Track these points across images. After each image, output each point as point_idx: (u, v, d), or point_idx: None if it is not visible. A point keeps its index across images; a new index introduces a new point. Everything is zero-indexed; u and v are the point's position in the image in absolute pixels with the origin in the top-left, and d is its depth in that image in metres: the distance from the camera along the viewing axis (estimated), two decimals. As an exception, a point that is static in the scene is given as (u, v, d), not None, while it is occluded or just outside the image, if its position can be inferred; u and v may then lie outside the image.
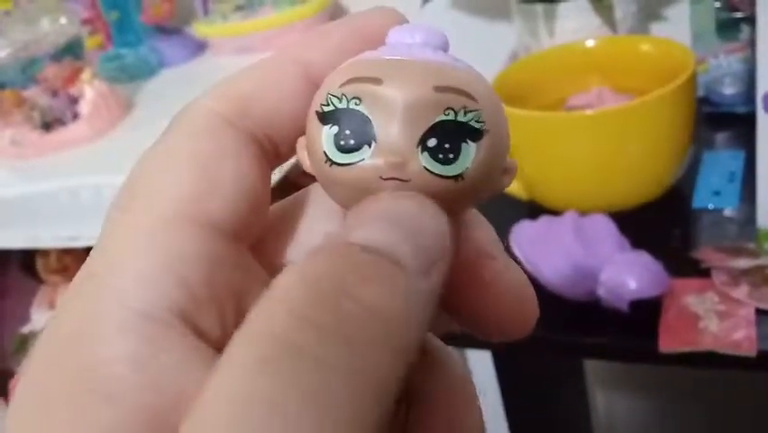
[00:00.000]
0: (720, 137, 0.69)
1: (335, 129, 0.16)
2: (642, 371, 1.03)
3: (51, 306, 0.93)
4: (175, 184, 0.14)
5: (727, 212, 0.58)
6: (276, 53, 0.17)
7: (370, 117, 0.15)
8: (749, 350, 0.46)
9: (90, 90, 0.74)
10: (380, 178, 0.15)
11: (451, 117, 0.15)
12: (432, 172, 0.15)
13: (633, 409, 1.10)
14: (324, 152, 0.16)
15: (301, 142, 0.17)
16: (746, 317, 0.48)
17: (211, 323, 0.14)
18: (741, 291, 0.49)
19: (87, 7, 0.90)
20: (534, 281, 0.54)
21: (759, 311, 0.48)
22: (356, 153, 0.15)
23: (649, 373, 1.02)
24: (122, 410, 0.12)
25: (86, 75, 0.75)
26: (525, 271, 0.18)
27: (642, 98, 0.54)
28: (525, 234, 0.55)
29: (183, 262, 0.14)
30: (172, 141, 0.15)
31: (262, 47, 0.83)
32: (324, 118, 0.16)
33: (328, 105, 0.16)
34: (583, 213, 0.55)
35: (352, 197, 0.16)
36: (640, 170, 0.58)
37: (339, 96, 0.16)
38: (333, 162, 0.16)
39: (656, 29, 0.75)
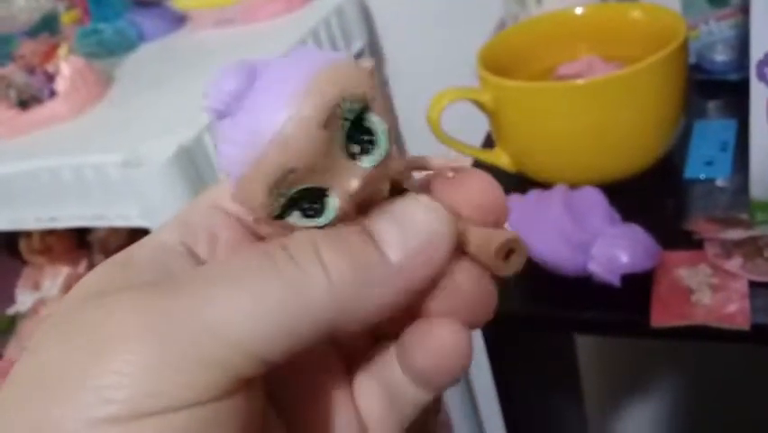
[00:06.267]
0: (712, 106, 0.68)
1: (297, 212, 0.18)
2: (632, 346, 1.02)
3: (36, 287, 0.91)
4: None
5: (720, 182, 0.57)
6: None
7: (308, 184, 0.18)
8: (743, 323, 0.45)
9: (67, 67, 0.72)
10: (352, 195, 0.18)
11: (347, 124, 0.17)
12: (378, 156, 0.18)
13: (626, 385, 1.10)
14: (304, 227, 0.18)
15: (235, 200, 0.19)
16: (740, 290, 0.47)
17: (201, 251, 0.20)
18: (734, 264, 0.49)
19: (63, -19, 0.88)
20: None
21: (752, 284, 0.47)
22: (324, 210, 0.18)
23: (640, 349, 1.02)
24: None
25: (62, 51, 0.73)
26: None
27: (633, 66, 0.53)
28: (513, 208, 0.54)
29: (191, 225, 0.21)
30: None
31: (243, 18, 0.81)
32: (283, 215, 0.18)
33: (275, 204, 0.18)
34: (573, 185, 0.54)
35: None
36: (631, 141, 0.57)
37: (276, 196, 0.18)
38: (319, 227, 0.18)
39: (646, -5, 0.74)
